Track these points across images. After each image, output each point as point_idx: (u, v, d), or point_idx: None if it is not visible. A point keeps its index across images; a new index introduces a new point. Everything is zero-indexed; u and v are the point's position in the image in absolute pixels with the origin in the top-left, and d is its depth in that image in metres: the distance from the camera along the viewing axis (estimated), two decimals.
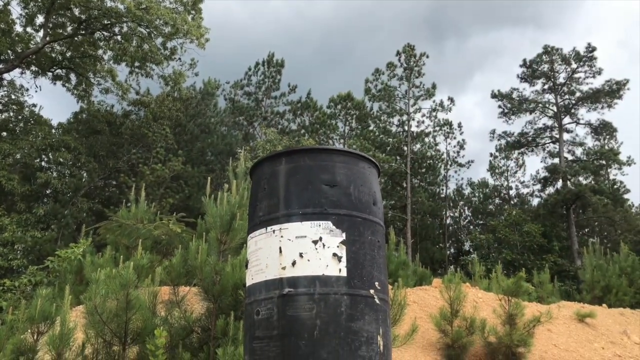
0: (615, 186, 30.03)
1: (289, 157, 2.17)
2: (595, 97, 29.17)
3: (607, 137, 30.31)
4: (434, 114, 29.76)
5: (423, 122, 29.99)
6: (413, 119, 29.43)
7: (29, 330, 4.49)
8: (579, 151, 30.72)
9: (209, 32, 18.88)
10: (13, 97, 21.11)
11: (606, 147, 29.52)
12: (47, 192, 19.82)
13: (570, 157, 30.49)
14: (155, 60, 19.62)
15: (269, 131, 21.85)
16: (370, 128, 31.26)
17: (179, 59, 20.33)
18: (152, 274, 4.51)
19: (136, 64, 19.98)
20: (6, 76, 19.89)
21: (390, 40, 69.07)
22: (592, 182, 28.31)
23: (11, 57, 18.29)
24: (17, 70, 19.01)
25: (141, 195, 7.49)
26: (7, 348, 4.46)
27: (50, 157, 20.17)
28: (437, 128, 30.49)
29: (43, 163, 20.62)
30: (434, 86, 28.75)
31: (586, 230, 30.94)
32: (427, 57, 28.74)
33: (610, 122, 29.86)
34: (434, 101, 29.71)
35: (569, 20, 62.36)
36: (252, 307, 2.04)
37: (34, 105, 22.45)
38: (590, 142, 30.75)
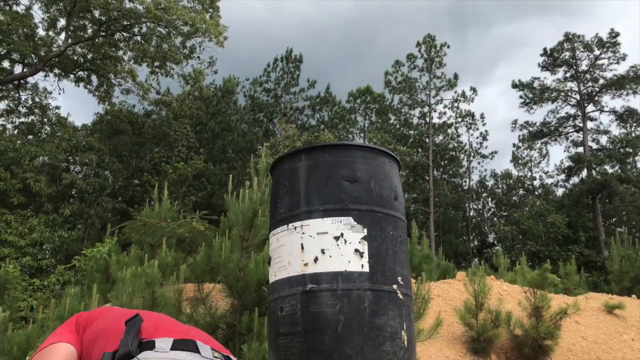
0: None
1: (309, 153, 2.17)
2: (620, 84, 28.54)
3: (633, 124, 29.68)
4: (455, 104, 29.50)
5: (445, 113, 29.76)
6: (435, 111, 29.21)
7: None
8: (603, 139, 30.18)
9: (227, 30, 18.98)
10: (37, 100, 21.52)
11: (632, 135, 28.91)
12: (73, 192, 20.17)
13: (594, 146, 29.96)
14: (175, 59, 19.80)
15: (288, 127, 21.90)
16: (391, 121, 31.12)
17: (198, 57, 20.48)
18: (176, 272, 4.56)
19: (156, 63, 20.19)
20: (30, 79, 20.30)
21: (412, 32, 68.62)
22: (619, 170, 27.77)
23: (34, 60, 18.62)
24: (41, 74, 19.37)
25: (164, 193, 7.56)
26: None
27: (76, 158, 20.51)
28: (460, 119, 30.22)
29: (69, 164, 20.98)
30: (455, 76, 28.51)
31: (613, 220, 30.39)
32: (448, 47, 28.49)
33: (636, 108, 29.24)
34: (455, 92, 29.45)
35: (594, 7, 61.07)
36: (275, 304, 2.06)
37: (58, 108, 22.86)
38: (615, 129, 30.31)
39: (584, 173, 28.82)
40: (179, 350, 1.30)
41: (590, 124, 29.98)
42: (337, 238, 1.98)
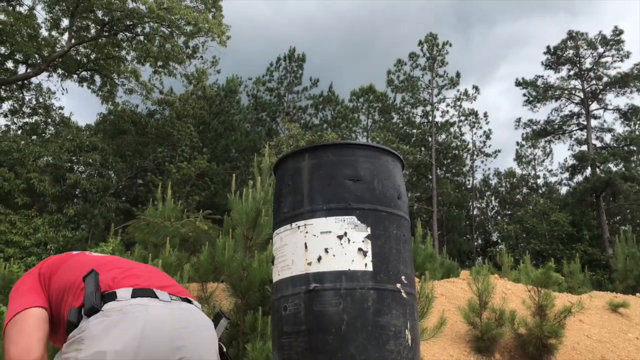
0: None
1: (312, 153, 2.17)
2: (624, 82, 28.43)
3: (637, 122, 29.56)
4: (458, 103, 29.45)
5: (448, 112, 29.71)
6: (437, 109, 29.17)
7: None
8: (607, 137, 30.08)
9: (229, 30, 18.99)
10: (41, 100, 21.58)
11: (636, 133, 28.80)
12: (77, 192, 20.22)
13: (598, 144, 29.86)
14: (178, 59, 19.81)
15: (291, 126, 21.90)
16: (394, 120, 31.08)
17: (201, 57, 20.50)
18: (180, 271, 4.56)
19: (159, 63, 20.21)
20: (33, 80, 20.35)
21: (415, 31, 68.57)
22: (623, 168, 27.67)
23: (38, 61, 18.66)
24: (44, 74, 19.41)
25: (168, 193, 7.57)
26: None
27: (80, 158, 20.56)
28: (463, 118, 30.18)
29: (73, 164, 21.03)
30: (457, 75, 28.45)
31: (617, 218, 30.29)
32: (450, 45, 28.44)
33: None
34: (458, 90, 29.39)
35: (598, 6, 60.86)
36: (279, 303, 2.06)
37: (61, 108, 22.92)
38: (619, 127, 30.18)
39: (588, 171, 28.75)
40: (139, 297, 1.44)
41: (594, 122, 29.91)
42: (340, 237, 1.98)
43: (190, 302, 1.58)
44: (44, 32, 19.23)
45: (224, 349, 1.73)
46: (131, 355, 1.32)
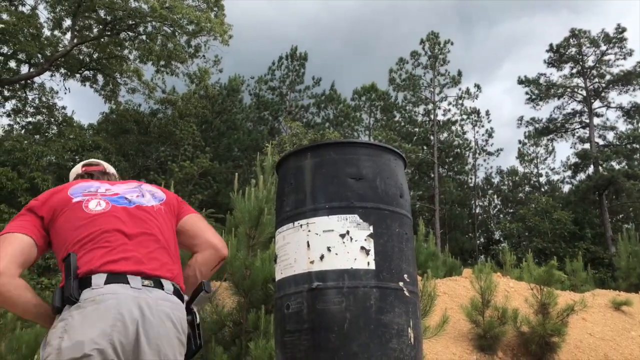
0: None
1: (314, 151, 2.18)
2: (627, 79, 28.37)
3: None
4: (460, 101, 29.44)
5: (449, 110, 29.73)
6: (439, 108, 29.19)
7: None
8: (610, 135, 30.04)
9: (231, 29, 18.99)
10: (44, 100, 21.61)
11: (639, 131, 28.74)
12: None
13: (601, 142, 29.82)
14: (180, 58, 19.82)
15: (294, 124, 21.91)
16: (396, 118, 31.09)
17: (204, 56, 20.51)
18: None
19: (161, 62, 20.22)
20: (36, 79, 20.38)
21: (417, 29, 68.51)
22: (626, 166, 27.62)
23: (41, 60, 18.69)
24: (47, 74, 19.44)
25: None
26: None
27: (83, 157, 20.59)
28: (465, 116, 30.19)
29: (75, 164, 21.09)
30: (459, 73, 28.45)
31: (620, 216, 30.25)
32: (452, 44, 28.46)
33: None
34: (459, 89, 29.40)
35: (602, 4, 60.62)
36: (282, 302, 2.06)
37: (64, 108, 22.96)
38: (622, 125, 30.12)
39: (591, 169, 28.71)
40: (112, 283, 1.59)
41: (596, 120, 29.86)
42: (343, 236, 1.99)
43: (162, 285, 1.69)
44: (47, 32, 19.27)
45: (197, 321, 1.82)
46: (106, 342, 1.49)
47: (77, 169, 2.30)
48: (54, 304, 1.60)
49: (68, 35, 19.30)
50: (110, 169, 2.32)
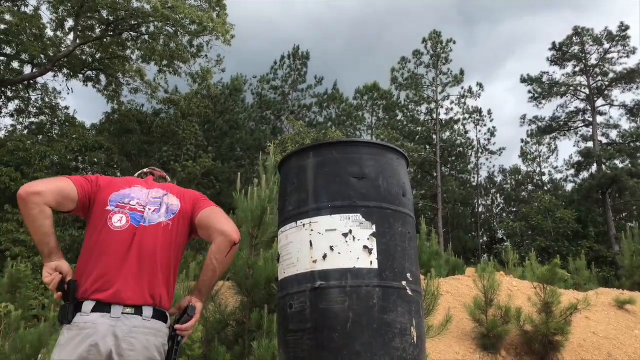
0: None
1: (317, 151, 2.18)
2: (630, 78, 28.28)
3: None
4: (462, 100, 29.38)
5: (452, 109, 29.67)
6: (441, 107, 29.12)
7: None
8: (613, 134, 29.95)
9: (234, 29, 19.00)
10: (47, 100, 21.65)
11: None
12: None
13: (604, 140, 29.74)
14: (183, 58, 19.84)
15: (296, 124, 21.89)
16: (398, 118, 31.05)
17: (206, 56, 20.52)
18: (186, 270, 4.58)
19: (164, 62, 20.24)
20: (39, 80, 20.42)
21: (420, 28, 68.38)
22: (629, 165, 27.54)
23: (44, 61, 18.72)
24: (50, 74, 19.47)
25: None
26: (50, 344, 4.61)
27: (85, 158, 20.61)
28: (467, 116, 30.13)
29: (78, 164, 21.10)
30: (462, 72, 28.36)
31: (624, 215, 30.16)
32: (454, 43, 28.37)
33: None
34: (462, 88, 29.34)
35: (605, 3, 60.42)
36: (285, 301, 2.06)
37: (67, 108, 23.00)
38: (625, 124, 29.97)
39: (594, 168, 28.63)
40: (96, 312, 1.92)
41: (600, 119, 29.79)
42: (345, 235, 1.99)
43: (142, 312, 1.96)
44: (50, 33, 19.30)
45: (175, 346, 2.06)
46: None
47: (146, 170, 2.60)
48: (58, 316, 2.00)
49: (71, 36, 19.33)
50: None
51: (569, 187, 32.18)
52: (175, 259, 2.18)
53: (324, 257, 1.97)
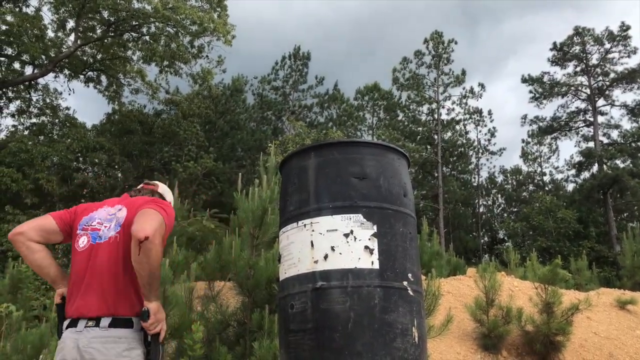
0: None
1: (318, 151, 2.18)
2: (631, 77, 28.26)
3: None
4: (464, 100, 29.37)
5: (453, 109, 29.65)
6: (443, 107, 29.11)
7: None
8: (614, 134, 29.94)
9: (235, 29, 19.00)
10: (48, 100, 21.66)
11: None
12: (84, 192, 20.28)
13: (605, 140, 29.73)
14: (184, 59, 19.84)
15: (297, 124, 21.89)
16: (399, 118, 31.05)
17: (207, 56, 20.52)
18: (187, 270, 4.58)
19: (165, 63, 20.24)
20: (40, 81, 20.43)
21: (421, 28, 68.36)
22: (630, 165, 27.51)
23: (45, 61, 18.74)
24: (51, 75, 19.48)
25: (174, 192, 7.58)
26: (52, 345, 4.62)
27: (87, 158, 20.62)
28: (468, 116, 30.11)
29: (79, 164, 21.11)
30: (463, 72, 28.35)
31: (625, 214, 30.13)
32: (456, 43, 28.38)
33: None
34: (464, 88, 29.34)
35: (606, 3, 60.35)
36: (286, 301, 2.06)
37: (68, 109, 23.01)
38: (626, 124, 29.96)
39: (595, 168, 28.61)
40: (69, 328, 2.17)
41: (600, 119, 29.77)
42: (346, 235, 1.99)
43: (100, 323, 2.14)
44: (51, 33, 19.31)
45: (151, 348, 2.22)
46: None
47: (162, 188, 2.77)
48: (58, 334, 2.30)
49: (72, 37, 19.33)
50: (162, 187, 2.72)
51: (570, 187, 32.20)
52: (126, 267, 2.23)
53: (325, 257, 1.97)
